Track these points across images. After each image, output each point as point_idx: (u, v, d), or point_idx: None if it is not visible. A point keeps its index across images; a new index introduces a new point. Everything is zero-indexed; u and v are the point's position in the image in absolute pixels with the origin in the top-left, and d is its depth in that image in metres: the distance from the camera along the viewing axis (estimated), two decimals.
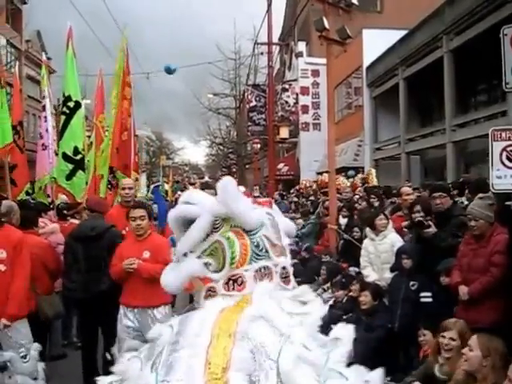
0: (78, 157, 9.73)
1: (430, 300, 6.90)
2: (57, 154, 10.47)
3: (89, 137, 12.94)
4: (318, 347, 2.77)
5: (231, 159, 49.91)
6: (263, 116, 31.64)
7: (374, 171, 18.01)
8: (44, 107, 11.32)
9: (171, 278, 3.13)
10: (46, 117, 11.25)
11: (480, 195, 6.71)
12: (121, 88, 9.96)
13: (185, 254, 3.13)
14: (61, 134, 10.16)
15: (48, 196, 10.50)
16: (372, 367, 5.90)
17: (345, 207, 12.30)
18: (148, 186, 28.01)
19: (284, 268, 3.02)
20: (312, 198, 17.99)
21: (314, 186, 21.02)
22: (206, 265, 3.07)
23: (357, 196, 13.78)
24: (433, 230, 7.17)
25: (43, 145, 10.99)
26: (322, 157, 30.41)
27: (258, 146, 35.09)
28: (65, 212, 9.47)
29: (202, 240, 3.09)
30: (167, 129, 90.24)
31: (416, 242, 7.59)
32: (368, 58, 26.93)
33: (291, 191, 25.30)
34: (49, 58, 42.91)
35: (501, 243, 5.93)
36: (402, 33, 23.62)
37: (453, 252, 6.58)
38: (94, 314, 6.90)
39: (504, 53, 7.26)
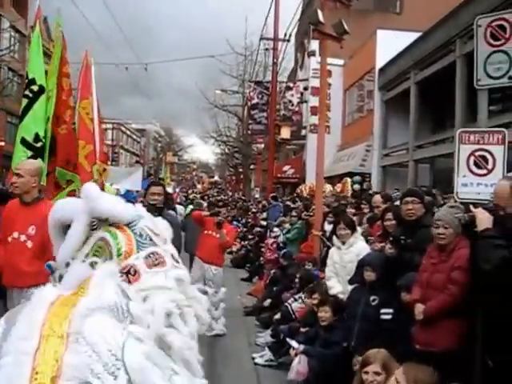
0: (39, 144, 9.26)
1: (389, 317, 6.50)
2: None
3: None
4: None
5: (237, 159, 49.74)
6: (265, 114, 31.19)
7: (349, 180, 17.71)
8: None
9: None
10: None
11: (450, 204, 6.23)
12: (57, 79, 9.53)
13: (67, 265, 3.08)
14: (21, 118, 9.73)
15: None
16: None
17: (331, 213, 11.93)
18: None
19: (172, 256, 3.12)
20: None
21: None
22: (93, 265, 2.99)
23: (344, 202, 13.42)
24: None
25: None
26: (330, 161, 30.00)
27: (262, 145, 34.64)
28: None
29: (81, 243, 3.09)
30: (177, 125, 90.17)
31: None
32: (381, 59, 26.46)
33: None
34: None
35: (462, 258, 5.44)
36: (418, 35, 23.18)
37: (418, 266, 6.14)
38: None
39: (477, 45, 6.78)
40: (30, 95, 9.49)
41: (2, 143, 28.19)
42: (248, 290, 14.81)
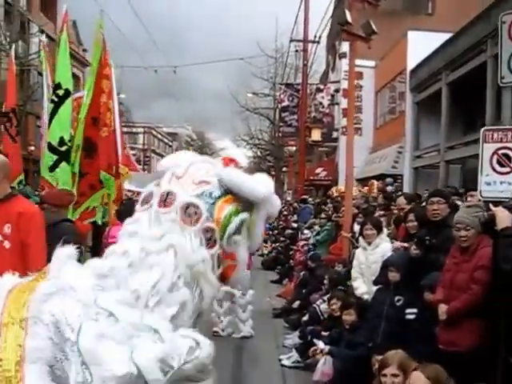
0: (64, 148, 9.40)
1: (413, 317, 6.50)
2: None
3: None
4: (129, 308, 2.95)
5: (269, 162, 49.77)
6: (295, 117, 31.18)
7: (375, 182, 17.63)
8: (42, 95, 11.18)
9: None
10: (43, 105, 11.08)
11: (467, 204, 6.20)
12: (96, 81, 9.65)
13: None
14: (49, 123, 9.90)
15: (38, 189, 10.30)
16: None
17: (360, 214, 11.90)
18: None
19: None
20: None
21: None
22: None
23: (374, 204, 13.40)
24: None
25: (41, 134, 10.85)
26: (362, 163, 29.88)
27: (294, 148, 34.62)
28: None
29: None
30: (209, 128, 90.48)
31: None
32: (413, 61, 26.29)
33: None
34: (84, 50, 43.62)
35: (485, 257, 5.42)
36: (450, 36, 23.01)
37: (443, 266, 6.13)
38: None
39: (501, 42, 6.72)
40: (56, 100, 9.66)
41: (32, 147, 28.53)
42: (278, 292, 14.86)
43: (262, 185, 3.95)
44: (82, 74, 41.72)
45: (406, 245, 7.20)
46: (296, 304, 11.87)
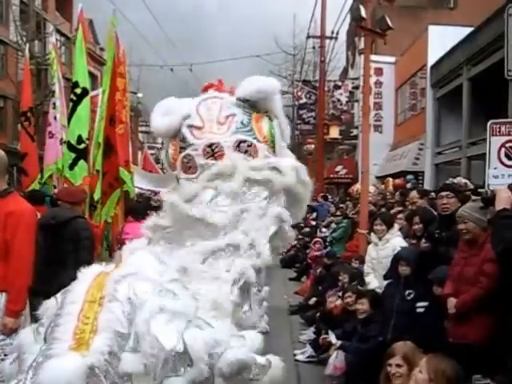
0: (82, 146, 9.58)
1: (423, 310, 6.57)
2: (62, 144, 10.39)
3: None
4: (189, 297, 3.45)
5: None
6: (313, 114, 31.23)
7: (391, 180, 17.59)
8: (53, 93, 11.30)
9: None
10: (54, 103, 11.20)
11: (473, 197, 6.25)
12: (112, 79, 9.78)
13: None
14: (68, 122, 10.06)
15: (54, 187, 10.45)
16: (365, 379, 5.65)
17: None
18: None
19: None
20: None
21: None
22: None
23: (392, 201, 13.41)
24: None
25: (50, 133, 10.96)
26: (382, 160, 29.84)
27: (313, 146, 34.59)
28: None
29: None
30: None
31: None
32: (433, 56, 26.17)
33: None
34: (102, 49, 43.88)
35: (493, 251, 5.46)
36: (470, 30, 22.90)
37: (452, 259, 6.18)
38: None
39: (507, 35, 6.73)
40: (74, 98, 9.83)
41: None
42: (295, 290, 14.91)
43: (266, 81, 4.38)
44: (100, 73, 42.00)
45: None
46: (312, 301, 11.90)
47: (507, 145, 6.72)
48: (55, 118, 10.89)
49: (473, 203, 5.87)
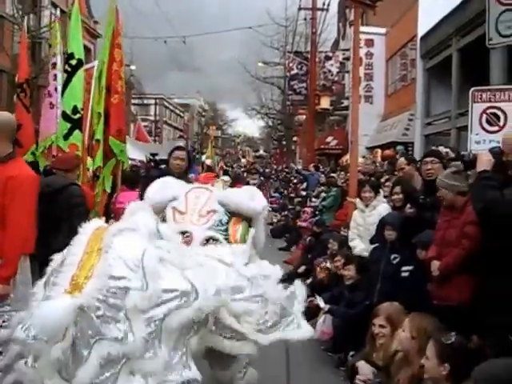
0: (77, 116, 9.74)
1: (408, 274, 6.80)
2: None
3: None
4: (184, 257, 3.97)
5: (280, 131, 49.97)
6: (304, 85, 31.27)
7: (379, 151, 17.75)
8: (54, 65, 11.43)
9: None
10: (55, 75, 11.33)
11: (451, 163, 6.53)
12: (110, 51, 9.90)
13: None
14: (62, 92, 10.23)
15: (53, 157, 10.58)
16: (352, 343, 5.97)
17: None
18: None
19: None
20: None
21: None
22: None
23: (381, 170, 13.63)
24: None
25: (51, 104, 11.07)
26: (373, 131, 30.00)
27: (304, 117, 34.75)
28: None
29: None
30: (221, 99, 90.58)
31: None
32: (423, 27, 26.21)
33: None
34: (96, 22, 43.73)
35: (473, 213, 5.60)
36: (460, 1, 22.96)
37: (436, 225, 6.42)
38: None
39: (488, 4, 6.98)
40: (69, 69, 9.97)
41: None
42: (285, 259, 15.09)
43: (255, 200, 4.86)
44: (93, 46, 41.81)
45: None
46: (301, 269, 12.10)
47: (488, 111, 6.97)
48: (56, 89, 10.99)
49: (447, 170, 6.15)
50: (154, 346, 3.54)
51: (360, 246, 8.27)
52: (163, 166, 8.56)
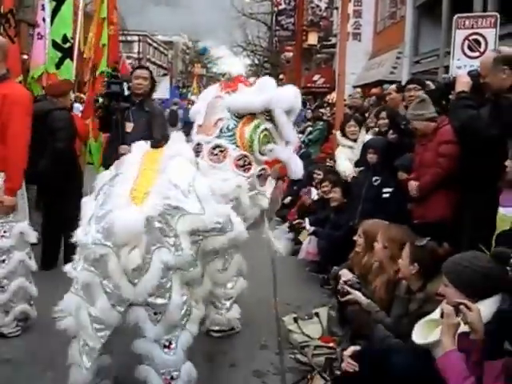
0: (67, 45, 9.89)
1: (388, 196, 7.20)
2: None
3: None
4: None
5: (266, 69, 49.71)
6: (292, 20, 31.20)
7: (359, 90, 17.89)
8: None
9: None
10: (43, 5, 11.42)
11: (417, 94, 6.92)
12: None
13: None
14: (51, 21, 10.36)
15: (43, 87, 10.79)
16: (336, 264, 6.40)
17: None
18: None
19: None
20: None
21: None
22: None
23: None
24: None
25: (39, 34, 11.18)
26: (361, 69, 30.04)
27: (291, 54, 34.60)
28: None
29: None
30: (206, 37, 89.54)
31: None
32: None
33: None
34: None
35: (447, 133, 6.12)
36: None
37: None
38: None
39: None
40: None
41: (25, 56, 28.46)
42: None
43: (262, 94, 4.80)
44: None
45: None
46: (287, 200, 12.40)
47: (471, 38, 7.31)
48: (43, 19, 11.11)
49: (413, 103, 6.61)
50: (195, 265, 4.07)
51: (346, 166, 8.59)
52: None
